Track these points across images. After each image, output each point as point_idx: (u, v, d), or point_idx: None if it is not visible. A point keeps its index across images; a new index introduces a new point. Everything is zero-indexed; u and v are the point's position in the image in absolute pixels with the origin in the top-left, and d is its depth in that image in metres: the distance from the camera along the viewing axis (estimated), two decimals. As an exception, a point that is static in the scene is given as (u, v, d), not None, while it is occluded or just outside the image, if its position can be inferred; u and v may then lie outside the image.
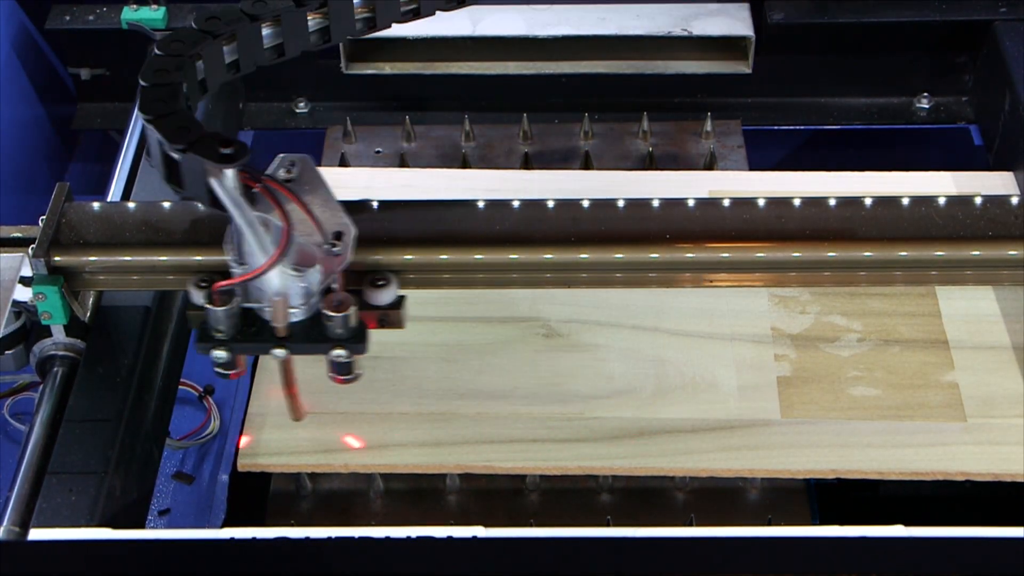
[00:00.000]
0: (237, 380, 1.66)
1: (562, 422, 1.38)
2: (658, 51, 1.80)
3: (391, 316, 1.20)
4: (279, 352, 1.16)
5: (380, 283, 1.19)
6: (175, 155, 1.09)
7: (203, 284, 1.18)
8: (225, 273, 1.16)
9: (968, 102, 1.82)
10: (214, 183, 1.08)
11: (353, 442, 1.38)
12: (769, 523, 1.36)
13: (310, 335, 1.16)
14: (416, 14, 1.29)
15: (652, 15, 1.77)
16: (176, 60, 1.18)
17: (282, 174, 1.19)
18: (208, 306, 1.14)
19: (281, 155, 1.22)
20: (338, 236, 1.16)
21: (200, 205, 1.12)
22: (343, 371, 1.19)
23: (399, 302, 1.20)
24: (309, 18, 1.25)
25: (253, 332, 1.16)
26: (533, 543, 1.05)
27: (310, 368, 1.45)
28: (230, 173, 1.08)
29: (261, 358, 1.45)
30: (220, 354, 1.16)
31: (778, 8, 1.77)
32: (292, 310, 1.15)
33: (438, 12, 1.30)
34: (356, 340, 1.16)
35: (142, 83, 1.15)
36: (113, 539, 1.16)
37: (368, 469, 1.37)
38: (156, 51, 1.18)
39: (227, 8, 1.22)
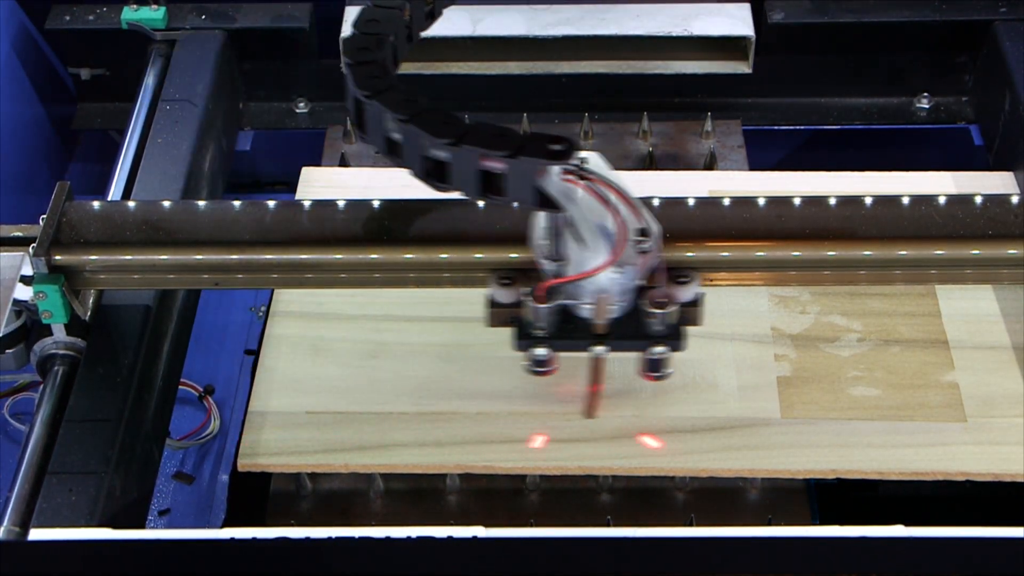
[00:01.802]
0: (237, 380, 1.67)
1: (562, 422, 1.38)
2: (658, 51, 1.80)
3: (690, 313, 1.19)
4: (599, 349, 1.16)
5: (683, 280, 1.19)
6: (498, 165, 1.07)
7: (506, 282, 1.18)
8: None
9: (968, 102, 1.82)
10: (546, 183, 1.07)
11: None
12: (769, 523, 1.36)
13: (628, 331, 1.16)
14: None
15: (652, 15, 1.77)
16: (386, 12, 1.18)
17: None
18: (532, 304, 1.14)
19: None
20: (643, 233, 1.15)
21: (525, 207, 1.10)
22: (657, 368, 1.19)
23: (699, 299, 1.20)
24: None
25: (572, 329, 1.16)
26: (533, 543, 1.05)
27: (310, 368, 1.46)
28: (556, 170, 1.07)
29: (262, 357, 1.45)
30: (541, 352, 1.17)
31: (778, 8, 1.77)
32: (610, 307, 1.15)
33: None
34: (675, 336, 1.16)
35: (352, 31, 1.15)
36: (113, 539, 1.16)
37: (368, 469, 1.37)
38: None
39: None
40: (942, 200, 1.26)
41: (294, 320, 1.49)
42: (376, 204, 1.29)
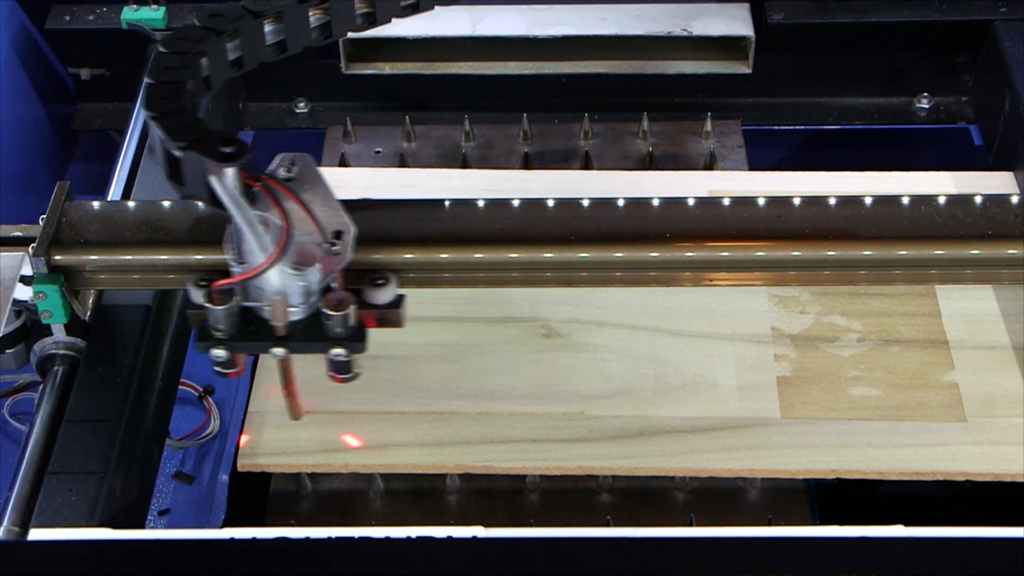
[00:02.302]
0: (237, 380, 1.67)
1: (562, 422, 1.38)
2: (658, 51, 1.80)
3: (390, 315, 1.20)
4: (278, 351, 1.16)
5: (380, 282, 1.19)
6: (177, 153, 1.09)
7: (203, 283, 1.18)
8: (225, 272, 1.16)
9: (968, 102, 1.82)
10: (214, 181, 1.08)
11: (352, 441, 1.38)
12: (769, 523, 1.36)
13: (309, 334, 1.16)
14: (415, 8, 1.29)
15: (652, 15, 1.77)
16: (181, 58, 1.18)
17: (282, 173, 1.19)
18: (208, 305, 1.14)
19: (281, 154, 1.22)
20: (338, 235, 1.16)
21: (200, 204, 1.12)
22: (342, 370, 1.19)
23: (398, 301, 1.20)
24: (311, 14, 1.25)
25: (252, 331, 1.16)
26: (533, 543, 1.05)
27: (310, 368, 1.45)
28: (230, 172, 1.08)
29: (262, 357, 1.45)
30: (219, 353, 1.16)
31: (778, 8, 1.77)
32: (291, 309, 1.15)
33: (437, 8, 1.30)
34: (355, 339, 1.16)
35: (147, 80, 1.15)
36: (113, 539, 1.16)
37: (368, 469, 1.37)
38: (160, 48, 1.18)
39: (230, 6, 1.22)
40: (942, 200, 1.26)
41: (294, 320, 1.49)
42: (375, 203, 1.29)
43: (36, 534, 1.20)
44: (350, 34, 1.29)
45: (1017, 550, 1.00)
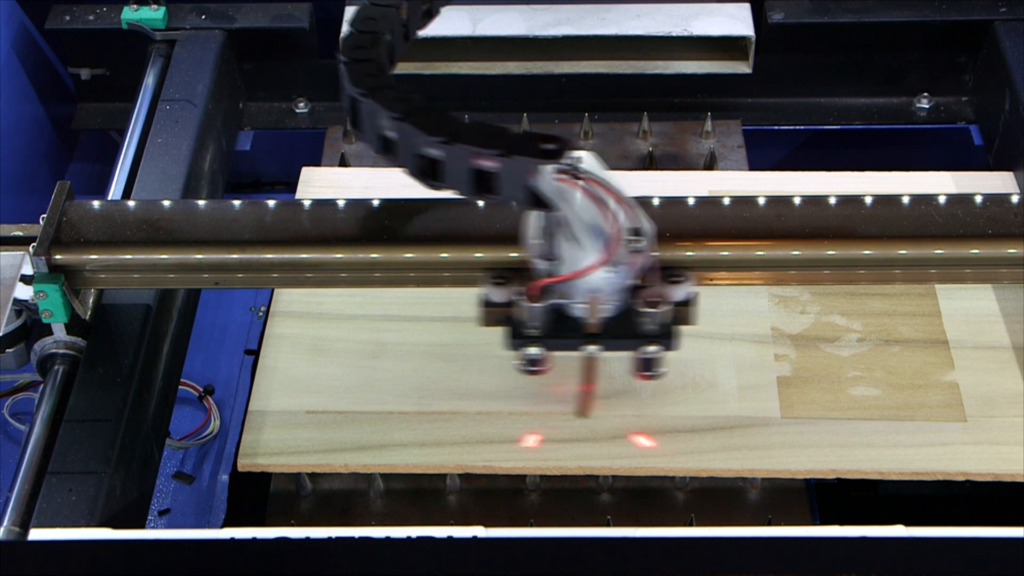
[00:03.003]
0: (237, 380, 1.67)
1: (562, 422, 1.38)
2: (658, 51, 1.80)
3: (683, 312, 1.19)
4: (592, 348, 1.16)
5: (676, 279, 1.19)
6: (491, 164, 1.07)
7: (499, 280, 1.18)
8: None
9: (968, 102, 1.82)
10: (537, 181, 1.07)
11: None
12: (769, 523, 1.36)
13: (621, 331, 1.16)
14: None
15: (652, 15, 1.77)
16: (382, 10, 1.17)
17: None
18: (525, 303, 1.14)
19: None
20: (636, 232, 1.15)
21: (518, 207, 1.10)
22: (650, 367, 1.19)
23: (692, 298, 1.19)
24: None
25: (565, 329, 1.16)
26: (533, 543, 1.05)
27: (310, 367, 1.46)
28: (550, 169, 1.07)
29: (262, 357, 1.45)
30: (534, 351, 1.16)
31: (778, 8, 1.77)
32: (603, 307, 1.15)
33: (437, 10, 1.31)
34: (668, 336, 1.16)
35: (348, 29, 1.15)
36: (113, 539, 1.16)
37: (368, 469, 1.37)
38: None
39: None
40: (942, 199, 1.26)
41: (294, 320, 1.49)
42: (376, 204, 1.29)
43: (36, 534, 1.20)
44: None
45: (1017, 550, 1.00)
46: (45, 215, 1.28)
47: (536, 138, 1.07)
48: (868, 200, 1.27)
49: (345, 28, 1.16)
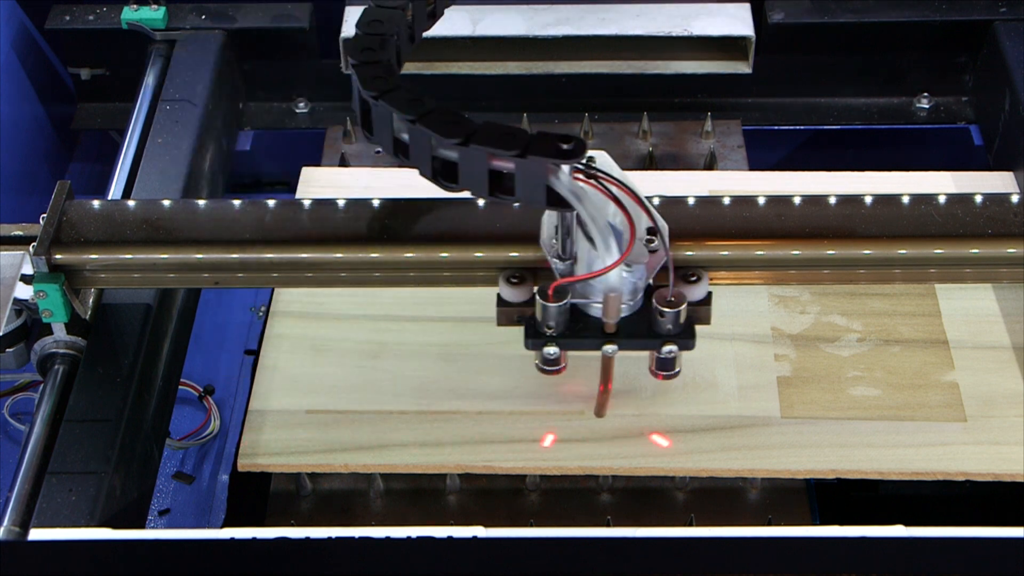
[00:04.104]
0: (237, 380, 1.67)
1: (562, 422, 1.38)
2: (658, 51, 1.80)
3: (700, 312, 1.19)
4: (610, 348, 1.16)
5: (692, 279, 1.19)
6: (507, 165, 1.07)
7: (514, 280, 1.18)
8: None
9: (968, 102, 1.82)
10: (553, 179, 1.06)
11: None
12: (769, 523, 1.36)
13: (638, 331, 1.16)
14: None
15: (652, 15, 1.77)
16: (388, 12, 1.18)
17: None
18: (542, 302, 1.14)
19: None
20: (652, 232, 1.15)
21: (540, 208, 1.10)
22: (667, 367, 1.19)
23: (708, 298, 1.19)
24: None
25: (582, 329, 1.16)
26: (533, 543, 1.05)
27: (310, 367, 1.46)
28: (567, 169, 1.07)
29: (262, 357, 1.45)
30: (551, 351, 1.16)
31: (778, 8, 1.77)
32: (620, 306, 1.15)
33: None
34: (686, 335, 1.16)
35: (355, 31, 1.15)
36: (113, 539, 1.16)
37: (368, 469, 1.37)
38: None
39: None
40: (942, 199, 1.26)
41: (294, 320, 1.49)
42: (376, 203, 1.29)
43: (36, 534, 1.20)
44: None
45: (1017, 550, 1.00)
46: (45, 215, 1.28)
47: (552, 138, 1.06)
48: (868, 200, 1.27)
49: (348, 30, 1.16)
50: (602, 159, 1.16)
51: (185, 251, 1.26)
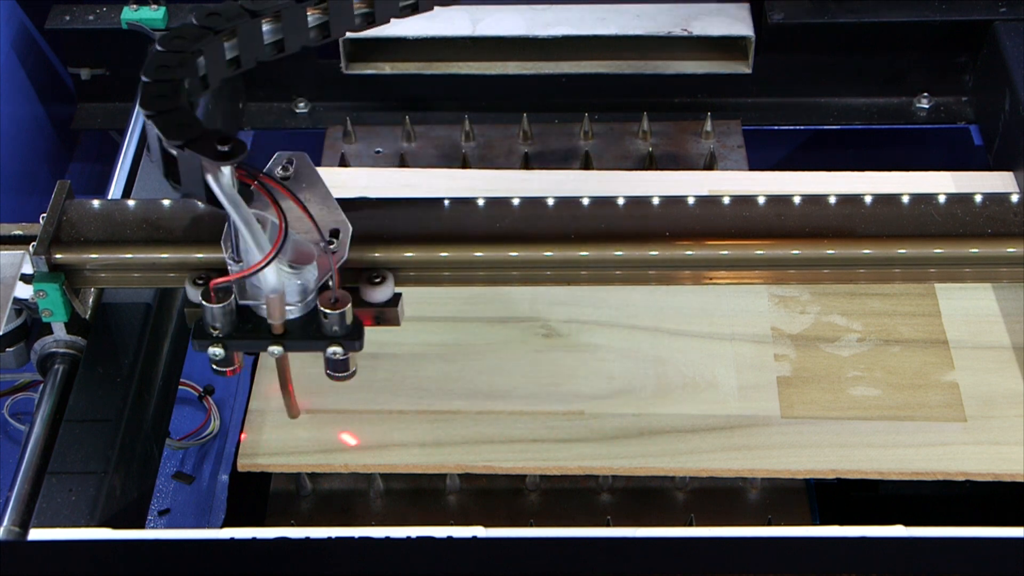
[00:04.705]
0: (237, 380, 1.67)
1: (562, 422, 1.38)
2: (658, 51, 1.80)
3: (387, 313, 1.20)
4: (275, 349, 1.16)
5: (377, 280, 1.20)
6: (173, 151, 1.09)
7: (200, 281, 1.18)
8: (224, 270, 1.16)
9: (968, 102, 1.82)
10: (211, 180, 1.08)
11: (350, 439, 1.38)
12: (769, 523, 1.36)
13: (306, 332, 1.16)
14: (415, 9, 1.29)
15: (652, 15, 1.77)
16: (178, 56, 1.17)
17: (279, 172, 1.19)
18: (205, 303, 1.14)
19: (278, 153, 1.22)
20: (335, 233, 1.16)
21: (200, 202, 1.12)
22: (339, 368, 1.19)
23: (395, 299, 1.20)
24: (309, 14, 1.25)
25: (249, 329, 1.16)
26: (533, 543, 1.05)
27: (309, 367, 1.45)
28: (227, 170, 1.08)
29: (262, 357, 1.45)
30: (216, 351, 1.16)
31: (778, 8, 1.77)
32: (288, 307, 1.15)
33: (437, 8, 1.30)
34: (352, 337, 1.16)
35: (144, 79, 1.15)
36: (113, 539, 1.16)
37: (368, 469, 1.37)
38: (158, 47, 1.18)
39: (227, 5, 1.22)
40: (942, 199, 1.26)
41: (294, 320, 1.49)
42: (373, 201, 1.29)
43: (36, 534, 1.20)
44: (349, 34, 1.29)
45: (1017, 550, 1.00)
46: (45, 214, 1.28)
47: (215, 137, 1.07)
48: (868, 200, 1.27)
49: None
50: (301, 161, 1.18)
51: (185, 251, 1.26)
